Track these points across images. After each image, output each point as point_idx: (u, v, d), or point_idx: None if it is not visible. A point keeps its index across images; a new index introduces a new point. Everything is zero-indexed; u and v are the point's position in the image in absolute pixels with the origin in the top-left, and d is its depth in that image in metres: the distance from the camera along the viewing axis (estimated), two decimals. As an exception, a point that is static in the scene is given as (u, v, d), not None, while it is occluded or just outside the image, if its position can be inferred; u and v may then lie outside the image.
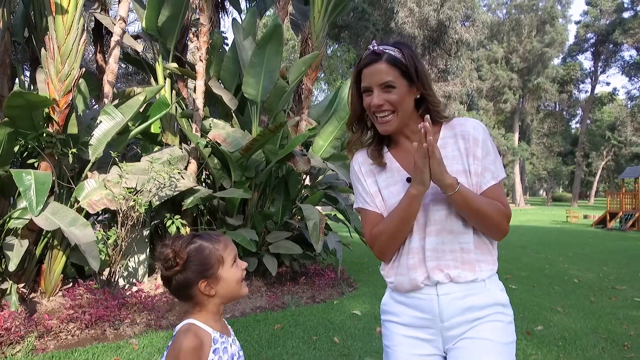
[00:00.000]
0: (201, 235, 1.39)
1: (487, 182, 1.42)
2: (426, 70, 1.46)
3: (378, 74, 1.40)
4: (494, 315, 1.40)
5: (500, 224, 1.40)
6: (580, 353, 3.93)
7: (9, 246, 4.31)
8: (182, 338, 1.30)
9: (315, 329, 4.39)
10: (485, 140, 1.43)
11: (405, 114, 1.43)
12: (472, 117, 38.77)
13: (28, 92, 3.91)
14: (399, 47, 1.43)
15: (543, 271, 8.03)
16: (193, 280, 1.32)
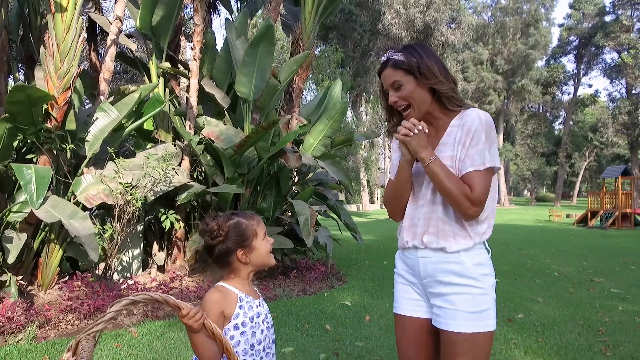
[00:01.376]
0: (238, 213, 1.65)
1: (465, 168, 1.59)
2: (433, 64, 1.63)
3: (387, 78, 1.66)
4: (463, 287, 1.62)
5: (461, 204, 1.56)
6: (557, 337, 4.16)
7: (8, 239, 4.42)
8: (209, 293, 1.55)
9: (307, 317, 4.57)
10: (478, 130, 1.58)
11: (422, 104, 1.64)
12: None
13: (30, 87, 4.02)
14: (404, 49, 1.67)
15: (525, 266, 8.31)
16: (233, 248, 1.57)
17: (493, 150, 1.59)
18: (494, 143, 1.59)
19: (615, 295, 5.95)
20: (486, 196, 1.59)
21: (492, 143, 1.59)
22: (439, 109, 1.67)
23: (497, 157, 1.60)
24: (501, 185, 45.23)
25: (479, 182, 1.57)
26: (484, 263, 1.66)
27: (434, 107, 1.67)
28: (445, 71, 1.65)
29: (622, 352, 3.79)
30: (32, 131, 4.35)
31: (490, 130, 1.59)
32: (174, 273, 5.80)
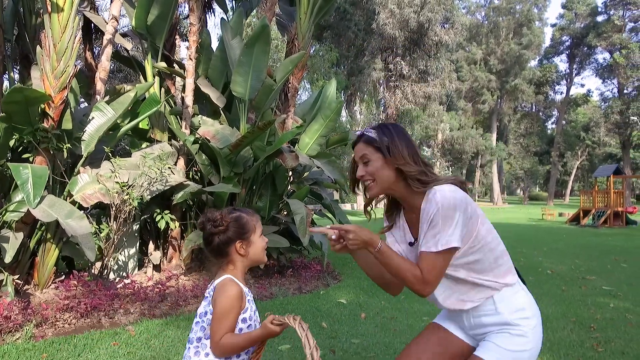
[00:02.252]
0: (240, 208, 1.74)
1: (420, 248, 1.65)
2: (404, 146, 1.70)
3: (358, 151, 1.75)
4: (500, 331, 1.71)
5: (409, 283, 1.63)
6: (550, 334, 4.23)
7: (5, 239, 4.42)
8: (229, 287, 1.61)
9: (304, 315, 4.61)
10: (435, 215, 1.60)
11: (386, 182, 1.71)
12: (451, 118, 39.48)
13: (27, 88, 4.02)
14: (378, 127, 1.75)
15: (518, 263, 8.39)
16: (232, 239, 1.64)
17: (450, 231, 1.59)
18: (452, 225, 1.60)
19: (606, 293, 6.04)
20: (437, 277, 1.62)
21: (451, 225, 1.59)
22: (407, 189, 1.72)
23: (455, 237, 1.60)
24: (494, 184, 45.50)
25: (428, 264, 1.61)
26: (524, 307, 1.71)
27: (402, 187, 1.72)
28: (415, 155, 1.71)
29: (614, 348, 3.86)
30: (29, 131, 4.36)
31: (448, 212, 1.59)
32: (170, 272, 5.81)
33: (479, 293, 1.69)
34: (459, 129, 37.58)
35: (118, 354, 3.43)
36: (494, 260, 1.69)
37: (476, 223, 1.65)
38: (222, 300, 1.58)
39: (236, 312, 1.61)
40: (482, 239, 1.66)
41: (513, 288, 1.71)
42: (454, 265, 1.67)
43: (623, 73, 37.07)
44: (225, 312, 1.58)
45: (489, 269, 1.68)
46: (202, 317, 1.63)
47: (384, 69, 25.49)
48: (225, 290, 1.60)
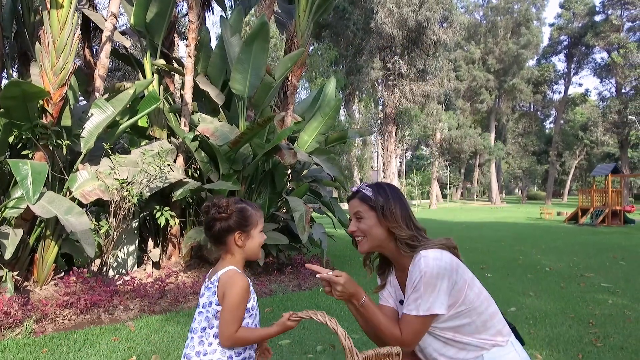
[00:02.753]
0: (246, 201, 1.76)
1: (401, 310, 1.71)
2: (397, 209, 1.74)
3: (352, 207, 1.79)
4: None
5: (388, 341, 1.66)
6: (549, 329, 4.24)
7: (4, 235, 4.42)
8: (237, 279, 1.62)
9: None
10: (418, 281, 1.63)
11: (376, 240, 1.74)
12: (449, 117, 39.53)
13: (25, 82, 4.03)
14: (375, 186, 1.79)
15: (517, 262, 8.41)
16: (233, 228, 1.66)
17: (432, 299, 1.61)
18: (434, 292, 1.62)
19: (605, 289, 6.05)
20: (414, 339, 1.66)
21: (432, 292, 1.62)
22: (397, 249, 1.74)
23: (437, 303, 1.62)
24: (493, 184, 45.56)
25: (408, 326, 1.65)
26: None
27: (393, 247, 1.75)
28: (408, 218, 1.75)
29: (612, 343, 3.87)
30: (28, 127, 4.36)
31: (431, 280, 1.61)
32: (169, 269, 5.81)
33: (469, 352, 1.69)
34: (457, 128, 37.63)
35: (118, 348, 3.44)
36: (482, 323, 1.69)
37: (463, 289, 1.66)
38: (233, 293, 1.59)
39: (246, 304, 1.63)
40: (469, 303, 1.67)
41: (504, 348, 1.70)
42: (441, 328, 1.68)
43: (621, 72, 37.16)
44: (237, 304, 1.60)
45: (476, 332, 1.69)
46: (207, 307, 1.64)
47: (383, 68, 25.52)
48: (234, 282, 1.60)
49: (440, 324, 1.67)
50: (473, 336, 1.68)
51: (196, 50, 6.07)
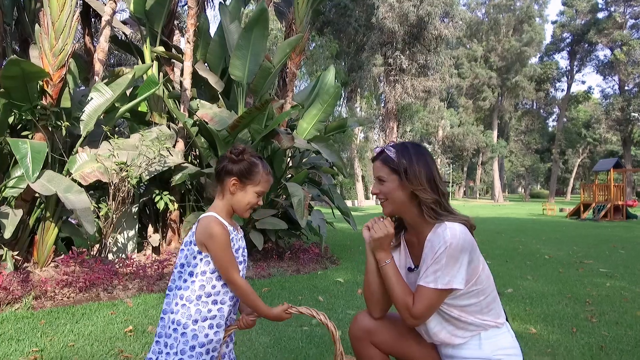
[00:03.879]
0: (264, 162, 1.80)
1: (419, 280, 1.67)
2: (422, 171, 1.69)
3: (375, 169, 1.78)
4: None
5: (400, 312, 1.69)
6: (545, 307, 4.26)
7: (4, 215, 4.46)
8: (213, 225, 1.67)
9: (301, 291, 4.64)
10: (441, 254, 1.59)
11: (398, 203, 1.72)
12: (451, 115, 39.49)
13: (24, 61, 4.06)
14: (400, 148, 1.75)
15: (516, 250, 8.41)
16: (232, 173, 1.71)
17: (453, 272, 1.59)
18: (456, 266, 1.59)
19: (603, 274, 6.06)
20: (427, 312, 1.64)
21: (454, 266, 1.59)
22: (419, 215, 1.72)
23: (458, 278, 1.60)
24: (495, 182, 45.48)
25: (422, 298, 1.63)
26: (507, 347, 1.72)
27: (415, 211, 1.72)
28: (433, 181, 1.69)
29: (608, 319, 3.89)
30: (27, 107, 4.40)
31: (455, 253, 1.59)
32: (169, 254, 5.85)
33: (468, 331, 1.72)
34: (460, 126, 37.57)
35: (115, 321, 3.47)
36: (486, 305, 1.71)
37: (478, 268, 1.67)
38: (212, 242, 1.65)
39: (229, 246, 1.68)
40: (480, 284, 1.68)
41: (500, 329, 1.74)
42: (449, 304, 1.69)
43: (624, 70, 37.06)
44: (220, 250, 1.66)
45: (481, 312, 1.71)
46: (188, 246, 1.70)
47: (384, 64, 25.50)
48: (210, 231, 1.65)
49: (450, 301, 1.67)
50: (476, 316, 1.70)
51: (195, 36, 6.10)
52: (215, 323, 1.67)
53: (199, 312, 1.65)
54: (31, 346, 2.83)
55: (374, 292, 1.82)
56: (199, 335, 1.64)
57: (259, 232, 6.15)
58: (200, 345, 1.64)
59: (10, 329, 3.18)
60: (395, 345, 1.85)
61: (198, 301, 1.65)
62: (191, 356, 1.62)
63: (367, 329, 1.85)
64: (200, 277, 1.67)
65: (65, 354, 2.72)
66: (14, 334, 3.06)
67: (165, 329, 1.66)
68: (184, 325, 1.63)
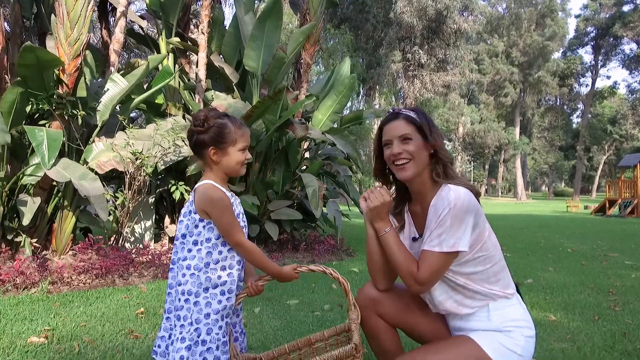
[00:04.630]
0: (231, 117, 1.71)
1: (423, 245, 1.61)
2: (438, 131, 1.70)
3: (397, 128, 1.67)
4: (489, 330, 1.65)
5: (405, 280, 1.63)
6: (565, 297, 4.13)
7: (22, 202, 4.54)
8: (211, 192, 1.63)
9: (315, 279, 4.60)
10: (445, 215, 1.55)
11: (421, 165, 1.65)
12: (472, 111, 38.92)
13: (38, 48, 4.12)
14: (414, 110, 1.72)
15: (539, 244, 8.22)
16: (207, 144, 1.64)
17: (458, 234, 1.54)
18: (461, 228, 1.55)
19: (628, 266, 5.86)
20: (432, 278, 1.58)
21: (459, 228, 1.55)
22: (428, 180, 1.69)
23: (463, 241, 1.55)
24: (518, 179, 44.70)
25: (427, 263, 1.57)
26: (517, 318, 1.65)
27: (426, 176, 1.69)
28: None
29: (631, 308, 3.74)
30: (44, 96, 4.46)
31: (459, 214, 1.54)
32: (184, 244, 5.87)
33: (475, 301, 1.65)
34: (481, 122, 37.03)
35: (128, 304, 3.48)
36: (494, 274, 1.65)
37: (484, 233, 1.62)
38: (213, 206, 1.62)
39: (230, 209, 1.65)
40: (486, 250, 1.62)
41: (510, 300, 1.67)
42: (454, 272, 1.63)
43: (651, 63, 35.99)
44: (221, 213, 1.62)
45: (487, 281, 1.64)
46: (187, 216, 1.66)
47: (402, 59, 25.28)
48: (209, 197, 1.62)
49: (455, 267, 1.61)
50: (483, 285, 1.64)
51: (209, 27, 6.12)
52: (226, 289, 1.65)
53: (209, 280, 1.62)
54: (43, 325, 2.86)
55: (375, 262, 1.77)
56: (212, 302, 1.61)
57: (274, 223, 6.14)
58: (214, 312, 1.61)
59: (25, 310, 3.22)
60: (400, 317, 1.79)
61: (207, 268, 1.62)
62: (207, 324, 1.59)
63: (372, 298, 1.80)
64: (205, 244, 1.64)
65: (76, 333, 2.73)
66: (28, 315, 3.09)
67: (175, 302, 1.63)
68: (195, 294, 1.60)
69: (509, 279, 1.71)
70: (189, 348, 1.57)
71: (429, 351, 1.63)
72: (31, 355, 2.34)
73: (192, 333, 1.58)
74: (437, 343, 1.68)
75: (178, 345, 1.58)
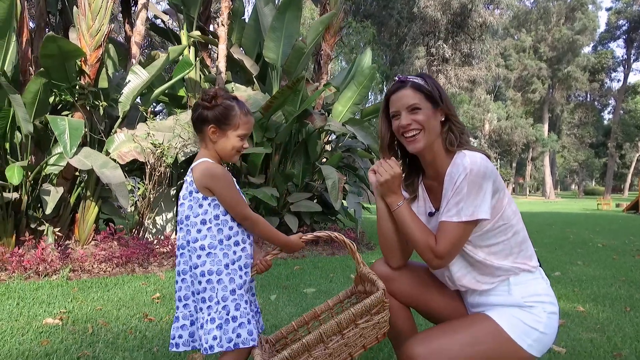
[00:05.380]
0: (240, 102, 1.66)
1: (440, 217, 1.51)
2: (448, 97, 1.61)
3: (405, 98, 1.55)
4: (509, 305, 1.55)
5: (423, 255, 1.52)
6: (595, 289, 3.95)
7: (46, 192, 4.61)
8: (213, 167, 1.59)
9: (333, 270, 4.54)
10: (461, 182, 1.45)
11: (433, 134, 1.55)
12: (498, 107, 38.09)
13: (60, 38, 4.17)
14: (422, 76, 1.60)
15: (567, 239, 7.96)
16: (208, 120, 1.60)
17: (477, 202, 1.44)
18: (480, 195, 1.45)
19: (663, 261, 5.61)
20: (452, 251, 1.48)
21: (478, 194, 1.44)
22: (440, 150, 1.59)
23: (483, 208, 1.44)
24: (546, 177, 43.63)
25: (446, 235, 1.47)
26: (540, 293, 1.54)
27: (438, 145, 1.58)
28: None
29: (667, 301, 3.56)
30: (66, 86, 4.52)
31: (477, 180, 1.44)
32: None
33: (495, 277, 1.55)
34: (507, 119, 36.25)
35: (145, 290, 3.49)
36: (517, 245, 1.55)
37: (504, 200, 1.51)
38: (216, 183, 1.56)
39: (233, 184, 1.61)
40: (507, 219, 1.52)
41: (533, 274, 1.56)
42: (474, 245, 1.53)
43: (688, 56, 34.59)
44: (226, 187, 1.57)
45: (510, 254, 1.54)
46: (187, 197, 1.62)
47: (427, 54, 24.94)
48: (210, 172, 1.57)
49: (476, 240, 1.52)
50: (505, 259, 1.53)
51: (229, 19, 6.12)
52: (242, 264, 1.60)
53: (226, 256, 1.57)
54: (60, 308, 2.87)
55: (387, 239, 1.67)
56: (234, 278, 1.57)
57: (294, 215, 6.09)
58: (239, 287, 1.57)
59: (44, 294, 3.25)
60: (415, 294, 1.70)
61: (221, 245, 1.58)
62: (234, 299, 1.55)
63: (384, 275, 1.69)
64: (214, 222, 1.58)
65: (91, 316, 2.74)
66: (46, 299, 3.12)
67: (195, 286, 1.58)
68: (217, 272, 1.56)
69: (532, 250, 1.60)
70: (220, 327, 1.53)
71: (445, 330, 1.52)
72: (45, 336, 2.34)
73: (220, 312, 1.54)
74: (453, 322, 1.57)
75: (208, 326, 1.53)
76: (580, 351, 2.37)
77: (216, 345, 1.51)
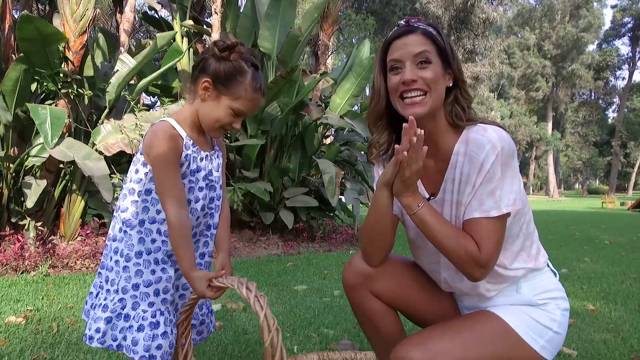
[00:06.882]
0: (259, 74, 1.35)
1: (470, 213, 1.20)
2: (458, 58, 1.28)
3: (413, 45, 1.20)
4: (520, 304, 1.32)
5: (461, 264, 1.18)
6: (605, 286, 3.73)
7: (27, 185, 4.40)
8: (160, 133, 1.31)
9: (328, 267, 4.32)
10: (493, 164, 1.15)
11: (439, 99, 1.23)
12: (501, 106, 37.76)
13: (37, 18, 3.95)
14: (433, 26, 1.27)
15: (572, 237, 7.73)
16: (208, 72, 1.31)
17: (514, 188, 1.18)
18: (515, 177, 1.19)
19: (674, 258, 5.37)
20: (496, 254, 1.18)
21: (512, 177, 1.18)
22: (442, 122, 1.27)
23: (520, 195, 1.19)
24: (550, 176, 43.31)
25: (488, 236, 1.16)
26: (551, 289, 1.31)
27: (441, 116, 1.27)
28: None
29: (682, 299, 3.33)
30: (48, 73, 4.31)
31: (509, 161, 1.17)
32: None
33: (503, 282, 1.30)
34: (511, 117, 35.95)
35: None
36: (529, 235, 1.30)
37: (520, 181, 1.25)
38: (151, 154, 1.29)
39: (173, 163, 1.30)
40: (523, 203, 1.25)
41: (541, 272, 1.32)
42: None
43: (694, 53, 34.25)
44: (160, 165, 1.28)
45: (519, 249, 1.29)
46: (136, 155, 1.37)
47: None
48: (152, 138, 1.30)
49: None
50: (516, 260, 1.27)
51: (222, 7, 5.90)
52: (160, 258, 1.33)
53: (142, 242, 1.32)
54: (28, 306, 2.66)
55: (379, 239, 1.36)
56: (143, 271, 1.32)
57: (290, 211, 5.88)
58: (145, 285, 1.32)
59: (15, 291, 3.05)
60: (400, 292, 1.43)
61: (141, 227, 1.32)
62: (134, 296, 1.32)
63: (365, 274, 1.42)
64: (143, 196, 1.31)
65: (60, 314, 2.52)
66: (16, 295, 2.91)
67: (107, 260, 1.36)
68: (126, 256, 1.31)
69: (539, 243, 1.37)
70: (109, 320, 1.29)
71: (445, 330, 1.23)
72: (3, 336, 2.13)
73: (116, 303, 1.30)
74: (452, 321, 1.31)
75: (99, 313, 1.31)
76: (593, 354, 2.15)
77: (96, 340, 1.28)
